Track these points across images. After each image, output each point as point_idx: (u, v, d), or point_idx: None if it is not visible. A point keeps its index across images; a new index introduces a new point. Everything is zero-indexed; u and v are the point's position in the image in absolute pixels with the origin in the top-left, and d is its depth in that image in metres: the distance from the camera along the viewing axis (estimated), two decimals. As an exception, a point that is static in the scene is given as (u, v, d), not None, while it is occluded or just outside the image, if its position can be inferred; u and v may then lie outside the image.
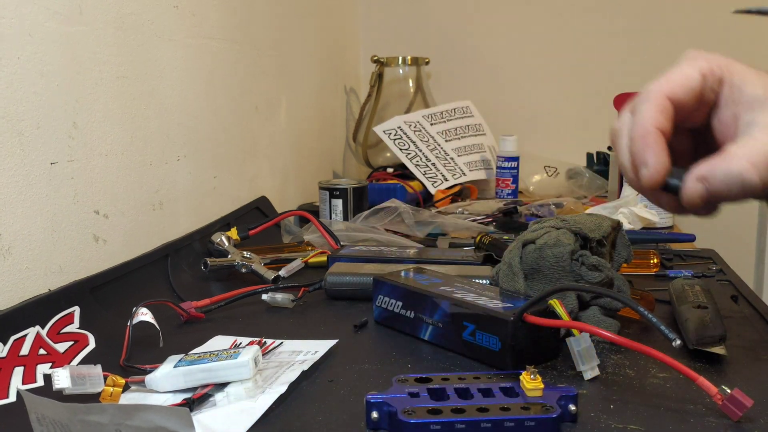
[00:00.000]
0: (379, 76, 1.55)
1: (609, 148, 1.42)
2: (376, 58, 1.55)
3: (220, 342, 0.62)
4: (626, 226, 1.03)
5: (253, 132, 1.11)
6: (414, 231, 1.05)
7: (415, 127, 1.43)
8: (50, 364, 0.55)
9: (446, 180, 1.37)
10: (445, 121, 1.49)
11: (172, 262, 0.81)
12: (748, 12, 0.52)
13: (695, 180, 0.43)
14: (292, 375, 0.52)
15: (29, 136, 0.62)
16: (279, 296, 0.73)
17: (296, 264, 0.86)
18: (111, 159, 0.74)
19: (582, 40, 1.70)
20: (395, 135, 1.40)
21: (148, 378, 0.51)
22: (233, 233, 0.92)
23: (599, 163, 1.49)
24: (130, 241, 0.77)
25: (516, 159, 1.39)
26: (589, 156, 1.52)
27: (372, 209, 1.10)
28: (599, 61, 1.69)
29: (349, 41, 1.73)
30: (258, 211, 1.09)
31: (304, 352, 0.58)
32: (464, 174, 1.41)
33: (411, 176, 1.36)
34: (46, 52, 0.64)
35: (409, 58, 1.56)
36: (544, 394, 0.45)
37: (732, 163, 0.42)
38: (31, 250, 0.63)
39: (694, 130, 0.48)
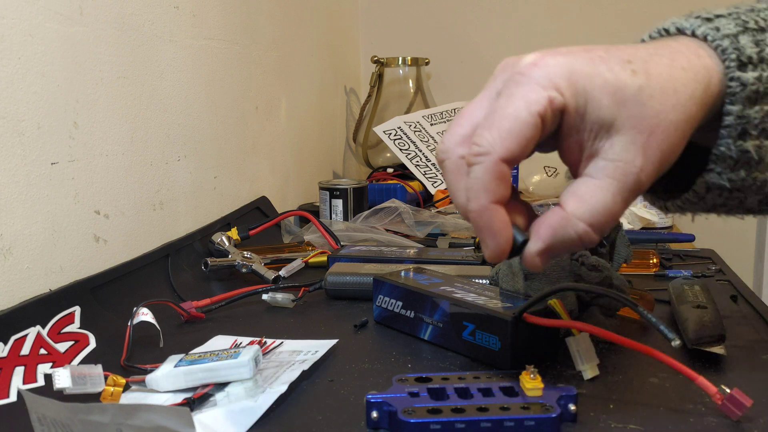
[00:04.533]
0: (379, 77, 1.55)
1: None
2: (376, 58, 1.55)
3: (220, 342, 0.62)
4: (626, 226, 1.03)
5: (253, 132, 1.11)
6: (414, 231, 1.05)
7: (415, 127, 1.43)
8: (51, 364, 0.55)
9: (446, 180, 1.37)
10: (445, 122, 1.49)
11: (172, 262, 0.81)
12: None
13: (535, 254, 0.41)
14: (293, 375, 0.52)
15: (30, 137, 0.62)
16: (279, 296, 0.73)
17: (296, 264, 0.86)
18: (111, 159, 0.74)
19: (582, 40, 1.69)
20: (395, 135, 1.40)
21: (148, 378, 0.51)
22: (233, 233, 0.92)
23: (599, 163, 1.49)
24: (131, 241, 0.77)
25: (516, 159, 1.39)
26: (589, 156, 1.52)
27: (372, 209, 1.10)
28: (599, 62, 1.69)
29: (349, 41, 1.73)
30: (258, 211, 1.09)
31: (304, 352, 0.58)
32: (464, 174, 1.41)
33: (411, 176, 1.37)
34: (46, 52, 0.64)
35: (409, 58, 1.56)
36: (544, 394, 0.46)
37: (570, 227, 0.40)
38: (32, 250, 0.63)
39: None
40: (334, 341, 0.60)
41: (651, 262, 0.84)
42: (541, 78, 0.38)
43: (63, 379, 0.48)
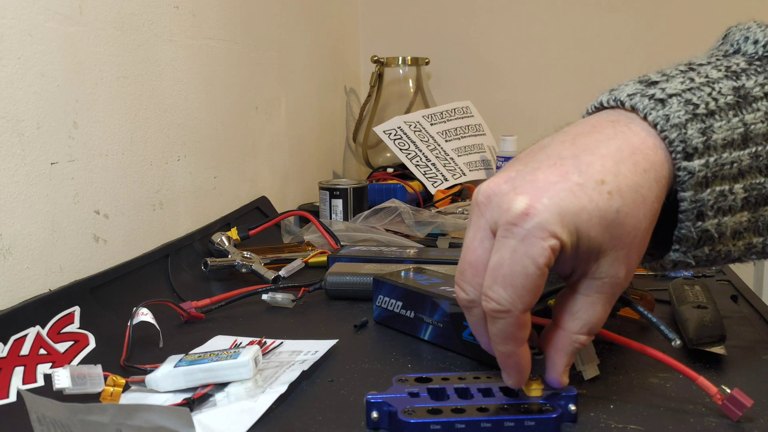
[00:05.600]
0: (379, 77, 1.55)
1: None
2: (376, 58, 1.55)
3: (220, 342, 0.62)
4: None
5: (253, 132, 1.11)
6: (414, 231, 1.05)
7: (415, 127, 1.43)
8: (50, 364, 0.55)
9: (446, 180, 1.37)
10: (445, 121, 1.49)
11: (172, 262, 0.81)
12: None
13: (560, 377, 0.46)
14: (292, 375, 0.52)
15: (29, 137, 0.62)
16: (279, 296, 0.73)
17: (296, 264, 0.86)
18: (111, 159, 0.74)
19: (582, 39, 1.70)
20: (395, 135, 1.40)
21: (148, 378, 0.51)
22: (233, 233, 0.92)
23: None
24: (131, 241, 0.77)
25: (516, 159, 1.39)
26: (589, 156, 1.52)
27: (372, 209, 1.10)
28: (599, 61, 1.69)
29: (349, 41, 1.73)
30: (258, 211, 1.09)
31: (304, 352, 0.58)
32: (464, 174, 1.41)
33: (411, 176, 1.36)
34: (46, 52, 0.64)
35: (409, 58, 1.56)
36: (544, 394, 0.46)
37: (574, 342, 0.45)
38: (32, 250, 0.63)
39: None
40: (334, 341, 0.60)
41: (651, 262, 0.84)
42: (537, 230, 0.40)
43: (63, 379, 0.48)
